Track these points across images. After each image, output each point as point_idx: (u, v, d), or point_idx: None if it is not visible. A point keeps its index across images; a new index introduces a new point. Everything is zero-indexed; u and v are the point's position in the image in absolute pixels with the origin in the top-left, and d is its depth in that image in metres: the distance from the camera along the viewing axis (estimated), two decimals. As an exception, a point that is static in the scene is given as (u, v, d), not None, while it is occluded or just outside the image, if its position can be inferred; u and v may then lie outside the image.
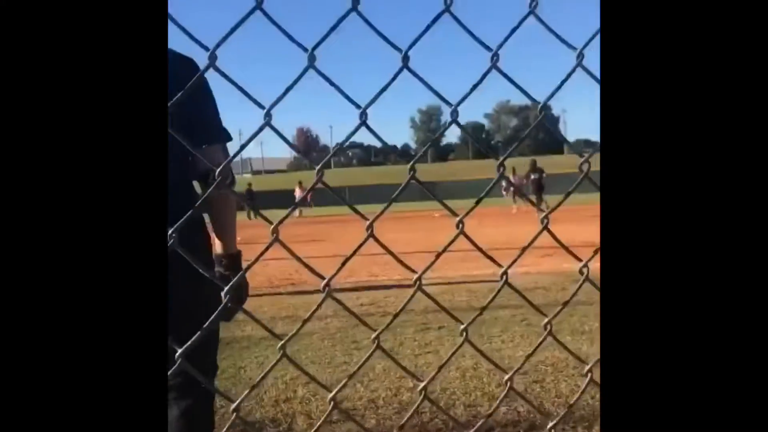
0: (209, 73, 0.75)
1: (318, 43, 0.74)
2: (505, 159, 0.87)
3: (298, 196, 26.96)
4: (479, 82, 0.81)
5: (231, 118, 1.79)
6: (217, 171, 0.73)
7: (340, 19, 0.74)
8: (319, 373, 3.33)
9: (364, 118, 0.77)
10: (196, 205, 0.80)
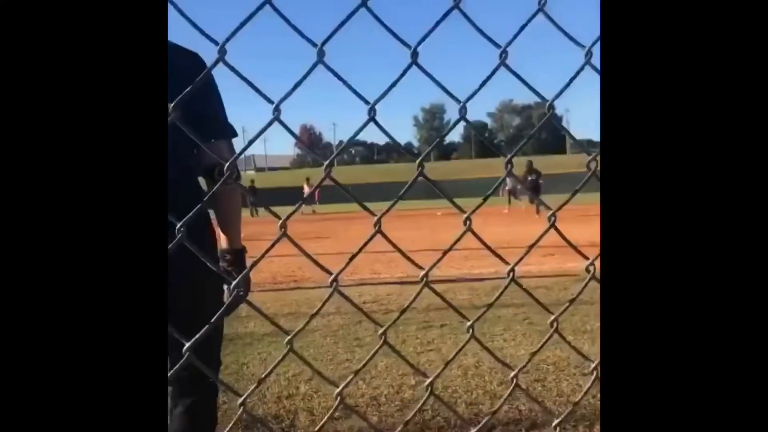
0: (219, 76, 0.74)
1: (327, 38, 0.73)
2: (512, 157, 0.87)
3: (306, 193, 26.97)
4: (488, 79, 0.81)
5: (234, 114, 1.79)
6: (226, 166, 0.73)
7: (349, 15, 0.74)
8: (322, 370, 3.34)
9: (372, 114, 0.77)
10: (204, 200, 0.80)
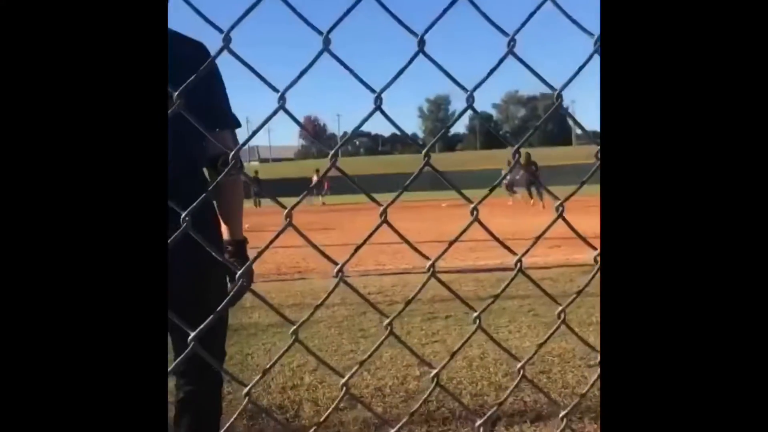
0: (222, 64, 0.74)
1: (333, 27, 0.73)
2: (520, 146, 0.86)
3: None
4: (495, 68, 0.80)
5: (238, 103, 1.78)
6: (231, 155, 0.73)
7: (355, 2, 0.73)
8: (326, 361, 3.34)
9: (378, 103, 0.76)
10: (209, 189, 0.80)
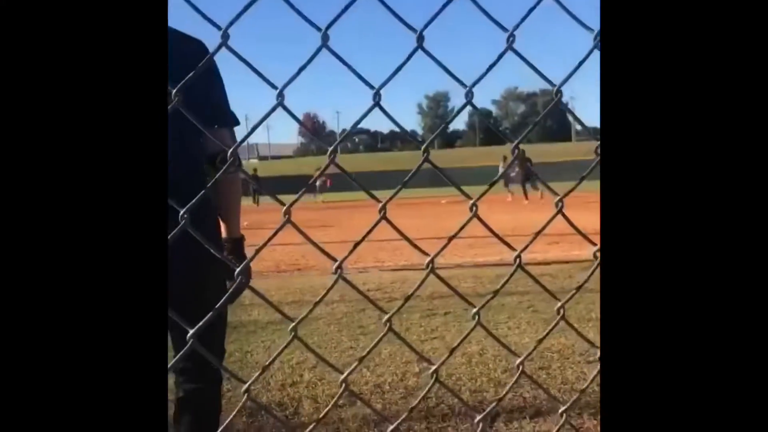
0: (220, 59, 0.73)
1: (331, 23, 0.72)
2: (520, 142, 0.86)
3: (319, 181, 27.43)
4: (495, 63, 0.80)
5: (237, 101, 1.78)
6: (229, 152, 0.73)
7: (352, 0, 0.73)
8: (325, 357, 3.35)
9: (377, 99, 0.76)
10: (208, 185, 0.80)
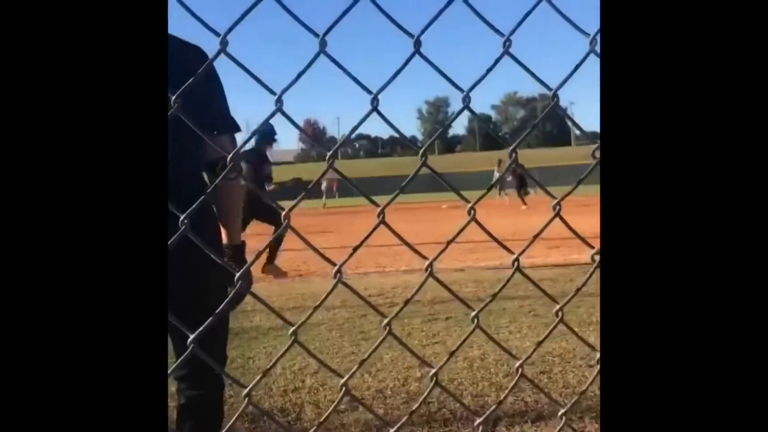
0: (218, 64, 0.74)
1: (329, 29, 0.73)
2: (517, 145, 0.87)
3: (324, 186, 27.77)
4: (492, 68, 0.81)
5: (237, 109, 1.79)
6: (228, 158, 0.73)
7: (351, 5, 0.74)
8: (327, 363, 3.34)
9: (375, 104, 0.77)
10: (207, 192, 0.80)
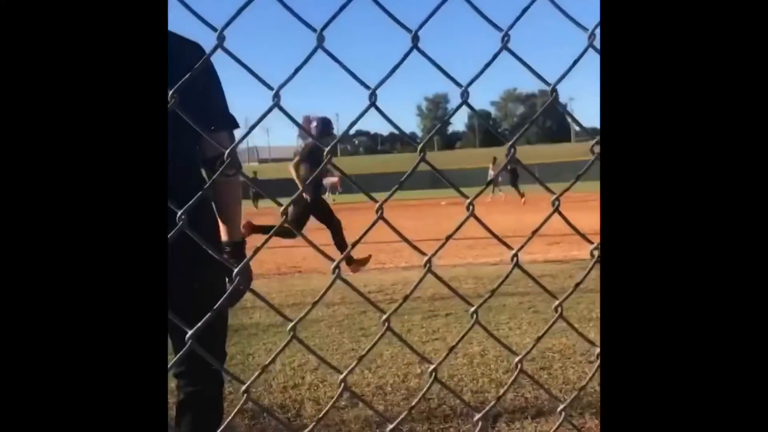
0: (217, 61, 0.74)
1: (327, 24, 0.73)
2: (515, 142, 0.86)
3: (327, 182, 27.85)
4: (490, 62, 0.80)
5: (236, 105, 1.79)
6: (226, 153, 0.73)
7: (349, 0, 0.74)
8: (327, 359, 3.34)
9: (373, 99, 0.76)
10: (204, 188, 0.80)
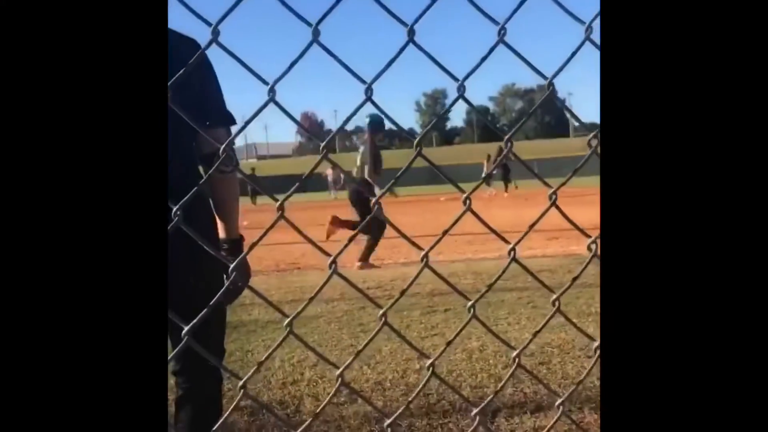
0: (215, 59, 0.73)
1: (322, 18, 0.72)
2: (511, 135, 0.86)
3: (330, 178, 28.00)
4: (487, 56, 0.80)
5: (236, 102, 1.78)
6: (221, 148, 0.73)
7: (344, -7, 0.73)
8: (326, 355, 3.34)
9: (369, 93, 0.76)
10: (200, 183, 0.79)
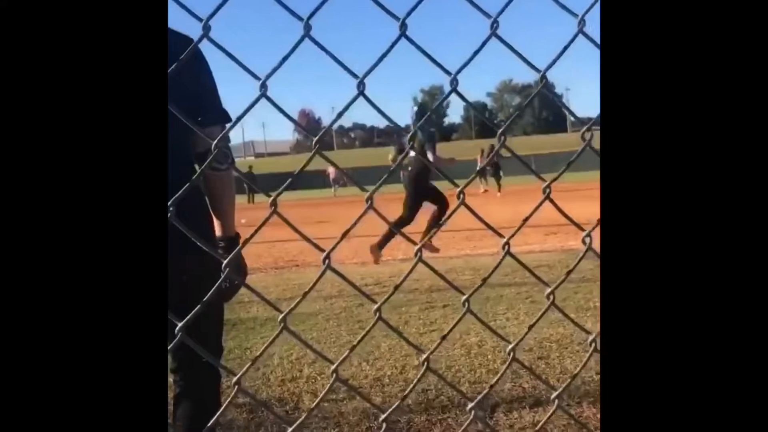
0: (212, 58, 0.73)
1: (313, 12, 0.72)
2: (504, 130, 0.86)
3: (332, 176, 28.16)
4: (480, 49, 0.80)
5: (229, 92, 1.78)
6: (213, 144, 0.73)
7: (335, -13, 0.73)
8: (325, 352, 3.35)
9: (362, 88, 0.76)
10: (193, 178, 0.79)
